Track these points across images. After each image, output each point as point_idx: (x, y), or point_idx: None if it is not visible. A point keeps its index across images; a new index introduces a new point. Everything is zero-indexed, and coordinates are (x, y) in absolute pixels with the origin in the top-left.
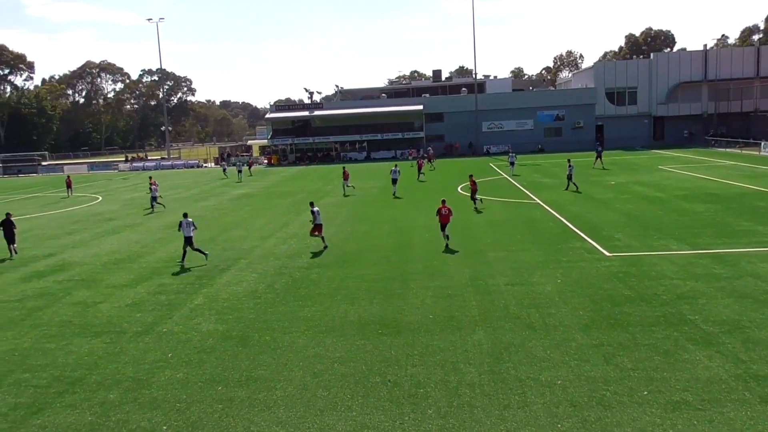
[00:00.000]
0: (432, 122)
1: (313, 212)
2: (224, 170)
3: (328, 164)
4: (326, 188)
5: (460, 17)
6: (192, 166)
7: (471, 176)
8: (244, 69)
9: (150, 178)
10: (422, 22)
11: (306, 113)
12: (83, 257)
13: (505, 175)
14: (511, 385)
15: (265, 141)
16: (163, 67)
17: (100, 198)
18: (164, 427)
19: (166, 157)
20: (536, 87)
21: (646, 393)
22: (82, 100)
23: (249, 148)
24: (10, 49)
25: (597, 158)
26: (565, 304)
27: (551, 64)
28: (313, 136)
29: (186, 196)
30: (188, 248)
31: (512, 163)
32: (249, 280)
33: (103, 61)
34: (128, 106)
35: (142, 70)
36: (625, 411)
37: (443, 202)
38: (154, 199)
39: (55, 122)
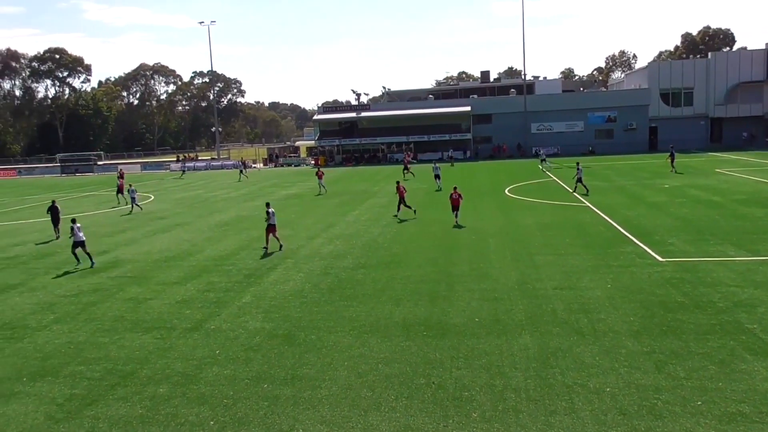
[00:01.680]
0: (479, 123)
1: (268, 213)
2: (241, 172)
3: (375, 165)
4: (372, 189)
5: (510, 18)
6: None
7: (398, 182)
8: (292, 71)
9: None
10: (471, 23)
11: (353, 115)
12: (135, 255)
13: (555, 178)
14: (558, 391)
15: (313, 142)
16: (214, 69)
17: (152, 197)
18: (211, 422)
19: (216, 157)
20: (587, 88)
21: (700, 403)
22: (136, 102)
23: (296, 149)
24: (69, 52)
25: (670, 161)
26: (616, 310)
27: (603, 65)
28: (359, 138)
29: (235, 195)
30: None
31: (543, 160)
32: (296, 280)
33: (157, 64)
34: (180, 108)
35: (193, 72)
36: (677, 421)
37: (455, 188)
38: (133, 200)
39: (111, 123)
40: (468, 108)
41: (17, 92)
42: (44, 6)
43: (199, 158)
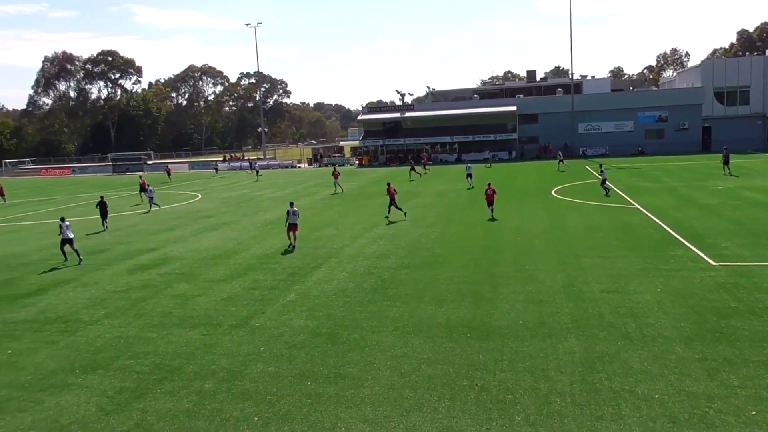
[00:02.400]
0: (526, 123)
1: (288, 212)
2: (257, 173)
3: (418, 166)
4: (417, 189)
5: (557, 16)
6: (286, 167)
7: (389, 184)
8: (337, 71)
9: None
10: (517, 22)
11: (397, 115)
12: (183, 252)
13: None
14: (605, 396)
15: (357, 142)
16: (260, 70)
17: (200, 196)
18: (255, 418)
19: (262, 157)
20: (637, 87)
21: (754, 413)
22: (184, 102)
23: (341, 149)
24: (121, 54)
25: (725, 164)
26: (665, 315)
27: (654, 63)
28: (404, 138)
29: (280, 195)
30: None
31: (561, 161)
32: (339, 279)
33: (205, 65)
34: (227, 108)
35: (240, 74)
36: (730, 431)
37: (489, 184)
38: (151, 199)
39: (160, 123)
40: (514, 108)
41: (72, 93)
42: (97, 10)
43: (245, 158)
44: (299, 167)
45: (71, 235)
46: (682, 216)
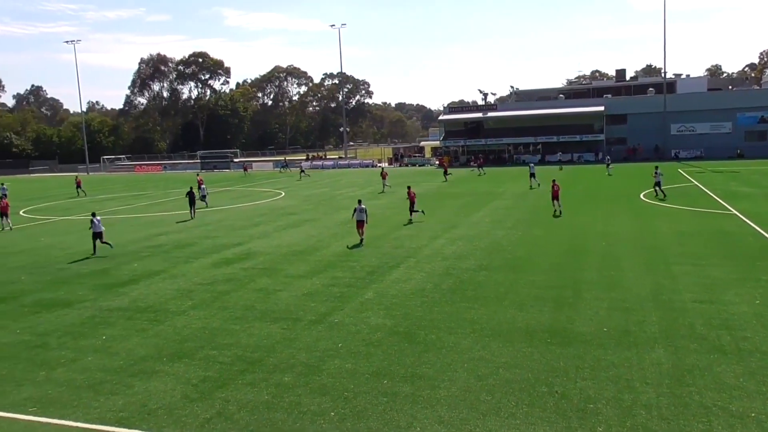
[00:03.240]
0: (613, 124)
1: (355, 209)
2: (302, 171)
3: (500, 167)
4: (497, 190)
5: (650, 13)
6: (366, 166)
7: (409, 187)
8: (419, 72)
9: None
10: (606, 20)
11: (479, 115)
12: (266, 248)
13: (696, 183)
14: (695, 412)
15: (437, 142)
16: (343, 71)
17: (283, 193)
18: (332, 413)
19: (344, 156)
20: (737, 86)
21: None
22: (270, 102)
23: (421, 149)
24: (211, 56)
25: None
26: (765, 329)
27: (756, 61)
28: (485, 138)
29: (360, 194)
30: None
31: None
32: (417, 279)
33: (290, 66)
34: (310, 108)
35: (324, 74)
36: None
37: (554, 181)
38: (203, 197)
39: (246, 123)
40: (601, 108)
41: (165, 94)
42: (189, 14)
43: (327, 157)
44: (380, 166)
45: (102, 229)
46: None
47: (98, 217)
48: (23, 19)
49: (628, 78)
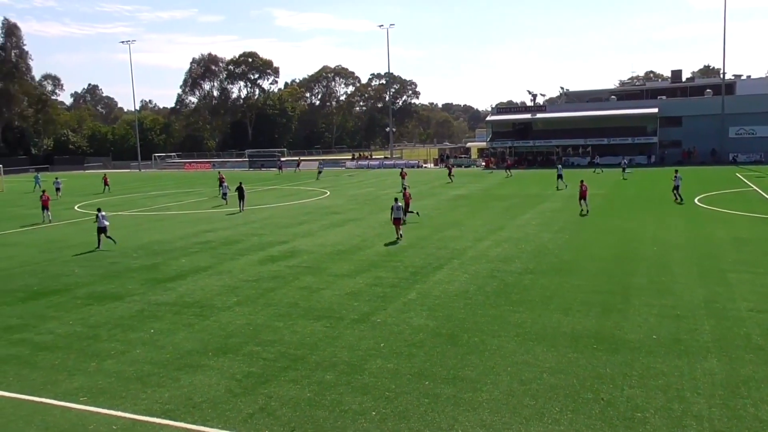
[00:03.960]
0: (667, 126)
1: (392, 207)
2: (319, 173)
3: (548, 168)
4: (545, 193)
5: (709, 11)
6: (412, 166)
7: (405, 188)
8: (466, 72)
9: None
10: (661, 19)
11: (527, 116)
12: (310, 246)
13: (756, 188)
14: (750, 425)
15: (484, 143)
16: (390, 71)
17: (328, 193)
18: (373, 413)
19: (389, 156)
20: None
21: None
22: (317, 102)
23: (467, 150)
24: (260, 56)
25: None
26: None
27: None
28: (533, 140)
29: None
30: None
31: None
32: (461, 280)
33: (338, 66)
34: (357, 108)
35: (371, 74)
36: None
37: (582, 182)
38: (224, 195)
39: (294, 122)
40: (655, 110)
41: (215, 93)
42: (241, 14)
43: (373, 157)
44: (425, 167)
45: (106, 224)
46: None
47: (103, 213)
48: (82, 21)
49: (684, 79)
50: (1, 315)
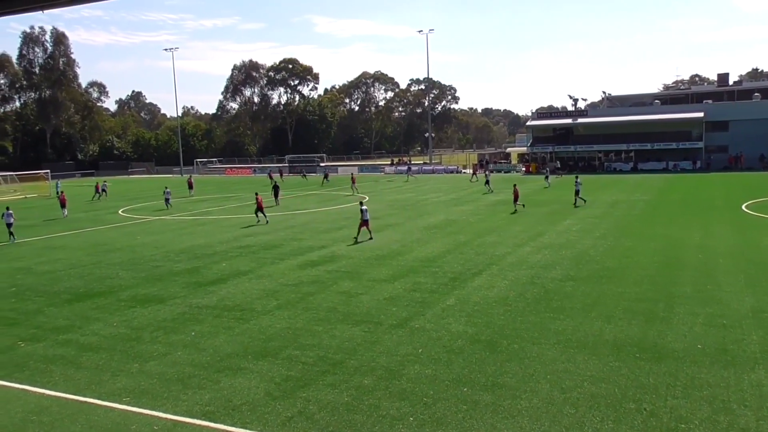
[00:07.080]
0: (713, 131)
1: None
2: (325, 177)
3: (590, 174)
4: (586, 198)
5: (758, 13)
6: (451, 172)
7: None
8: (507, 77)
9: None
10: (708, 22)
11: (569, 121)
12: (349, 251)
13: None
14: None
15: (525, 148)
16: (429, 77)
17: (367, 198)
18: (411, 419)
19: (428, 162)
20: None
21: None
22: (356, 108)
23: (507, 155)
24: (301, 62)
25: None
26: None
27: None
28: (574, 145)
29: (444, 200)
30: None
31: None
32: (500, 287)
33: (377, 72)
34: (396, 114)
35: (410, 80)
36: None
37: (515, 185)
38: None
39: (333, 128)
40: (700, 114)
41: (256, 99)
42: (281, 21)
43: (412, 162)
44: (464, 173)
45: (12, 221)
46: None
47: (11, 211)
48: (128, 29)
49: (731, 82)
50: (49, 316)
